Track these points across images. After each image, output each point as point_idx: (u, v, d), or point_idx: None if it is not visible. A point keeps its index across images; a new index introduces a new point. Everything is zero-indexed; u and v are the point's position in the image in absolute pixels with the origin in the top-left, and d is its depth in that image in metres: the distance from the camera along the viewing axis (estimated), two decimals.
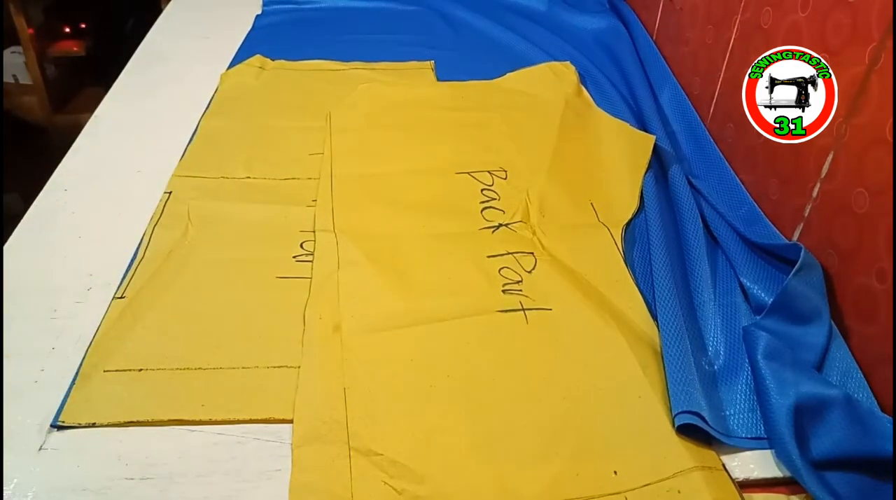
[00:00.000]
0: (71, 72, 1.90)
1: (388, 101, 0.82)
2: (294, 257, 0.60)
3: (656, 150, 0.73)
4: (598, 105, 0.83)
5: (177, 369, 0.50)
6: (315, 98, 0.84)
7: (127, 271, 0.58)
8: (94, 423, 0.47)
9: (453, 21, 1.05)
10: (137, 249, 0.60)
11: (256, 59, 0.91)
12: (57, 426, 0.46)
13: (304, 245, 0.61)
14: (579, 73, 0.91)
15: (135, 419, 0.47)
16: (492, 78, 0.90)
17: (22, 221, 0.64)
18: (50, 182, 0.69)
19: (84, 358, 0.51)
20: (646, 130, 0.76)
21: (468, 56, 0.95)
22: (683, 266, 0.60)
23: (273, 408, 0.48)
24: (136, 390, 0.49)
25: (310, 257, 0.60)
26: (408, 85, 0.87)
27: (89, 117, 0.80)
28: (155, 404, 0.48)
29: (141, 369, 0.50)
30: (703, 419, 0.46)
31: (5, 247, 0.60)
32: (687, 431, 0.46)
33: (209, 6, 1.09)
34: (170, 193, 0.67)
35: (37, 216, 0.65)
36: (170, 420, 0.47)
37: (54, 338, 0.53)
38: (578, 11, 1.05)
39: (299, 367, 0.50)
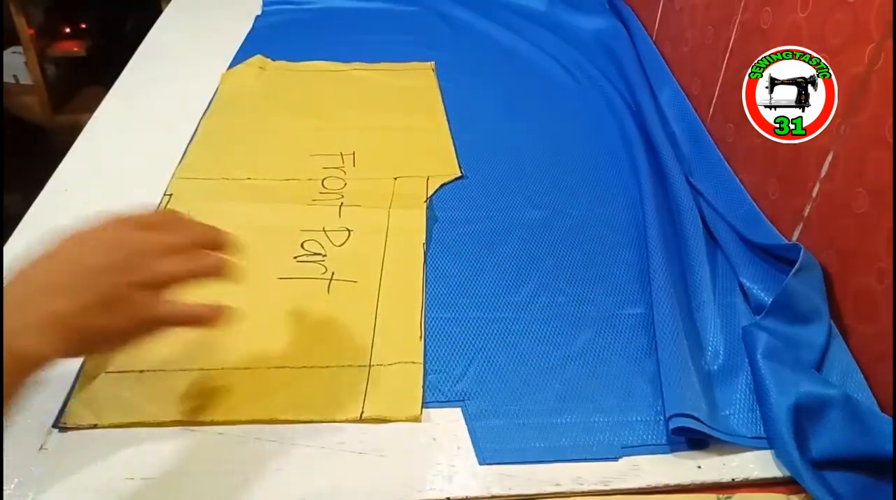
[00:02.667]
0: (71, 72, 1.90)
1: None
2: (295, 257, 0.61)
3: (655, 151, 0.73)
4: (596, 105, 0.83)
5: (178, 370, 0.50)
6: (316, 99, 0.85)
7: None
8: (96, 424, 0.47)
9: (453, 21, 1.05)
10: None
11: (257, 60, 0.91)
12: (57, 426, 0.47)
13: (304, 245, 0.62)
14: (580, 73, 0.91)
15: (137, 421, 0.47)
16: (492, 79, 0.90)
17: (22, 221, 0.64)
18: (50, 182, 0.69)
19: (85, 360, 0.51)
20: (646, 131, 0.77)
21: (468, 56, 0.96)
22: (682, 266, 0.60)
23: (274, 408, 0.48)
24: (137, 392, 0.49)
25: (311, 258, 0.60)
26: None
27: (89, 117, 0.80)
28: (157, 406, 0.48)
29: (142, 371, 0.50)
30: (697, 420, 0.46)
31: (5, 247, 0.60)
32: (682, 433, 0.46)
33: (209, 6, 1.09)
34: (170, 195, 0.67)
35: (37, 216, 0.65)
36: (171, 421, 0.47)
37: None
38: (578, 11, 1.05)
39: (302, 367, 0.51)
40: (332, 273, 0.59)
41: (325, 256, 0.61)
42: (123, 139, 0.76)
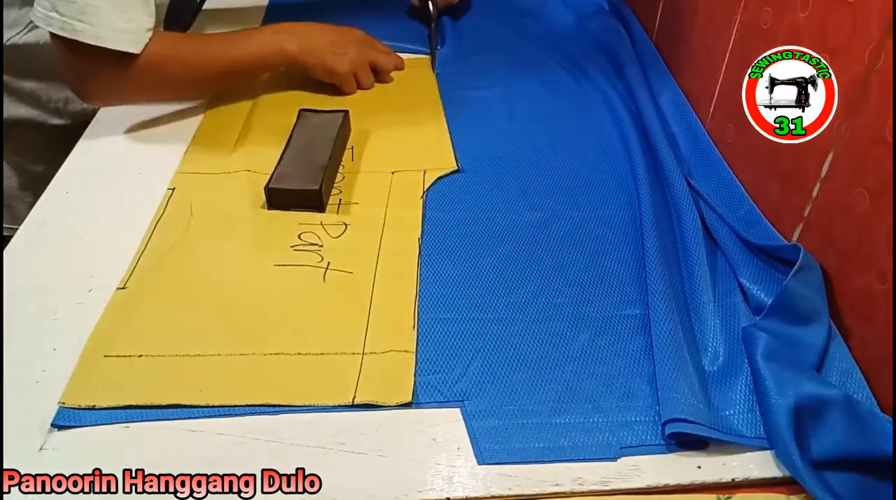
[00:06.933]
0: None
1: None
2: (292, 246, 0.62)
3: (654, 151, 0.73)
4: (596, 106, 0.83)
5: (176, 355, 0.52)
6: (314, 93, 0.85)
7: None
8: (94, 405, 0.48)
9: (453, 21, 1.05)
10: (140, 243, 0.61)
11: None
12: (57, 426, 0.47)
13: (301, 236, 0.63)
14: (579, 73, 0.91)
15: (134, 403, 0.48)
16: (492, 79, 0.90)
17: (22, 221, 0.64)
18: (51, 183, 0.69)
19: (86, 344, 0.52)
20: (645, 132, 0.77)
21: (468, 56, 0.95)
22: (681, 267, 0.60)
23: (269, 393, 0.49)
24: (135, 375, 0.50)
25: (308, 247, 0.62)
26: None
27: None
28: (154, 389, 0.49)
29: (141, 355, 0.51)
30: (693, 423, 0.46)
31: (6, 248, 0.60)
32: (678, 437, 0.46)
33: (210, 7, 1.09)
34: (173, 189, 0.68)
35: (38, 217, 0.65)
36: (168, 404, 0.48)
37: (55, 339, 0.53)
38: (578, 11, 1.04)
39: (297, 353, 0.52)
40: (328, 263, 0.60)
41: (321, 246, 0.62)
42: (124, 139, 0.76)
